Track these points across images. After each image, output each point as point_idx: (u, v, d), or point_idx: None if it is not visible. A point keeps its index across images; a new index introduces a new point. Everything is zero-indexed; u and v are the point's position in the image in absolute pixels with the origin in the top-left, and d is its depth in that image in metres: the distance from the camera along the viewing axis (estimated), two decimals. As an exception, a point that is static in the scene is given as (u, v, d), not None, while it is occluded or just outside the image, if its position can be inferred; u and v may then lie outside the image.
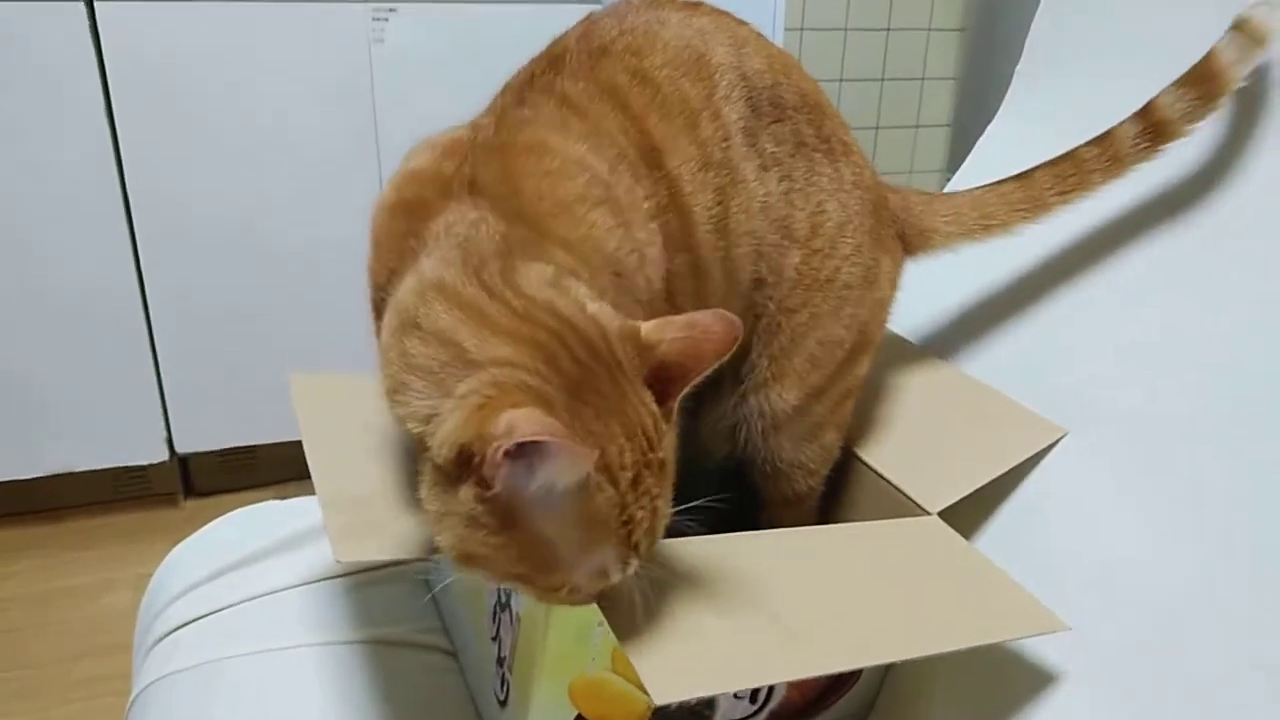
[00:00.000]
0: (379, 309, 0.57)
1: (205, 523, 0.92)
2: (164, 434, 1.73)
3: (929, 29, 2.44)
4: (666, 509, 0.51)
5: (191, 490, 1.86)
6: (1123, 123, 0.75)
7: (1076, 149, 0.76)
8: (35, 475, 1.69)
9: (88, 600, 1.57)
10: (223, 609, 0.80)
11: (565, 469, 0.44)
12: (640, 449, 0.48)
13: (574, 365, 0.48)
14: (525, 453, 0.43)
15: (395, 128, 1.70)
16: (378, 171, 1.71)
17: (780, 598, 0.58)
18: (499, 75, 0.67)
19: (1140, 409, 0.72)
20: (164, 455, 1.75)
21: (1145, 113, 0.74)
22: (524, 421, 0.42)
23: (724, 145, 0.65)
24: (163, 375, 1.70)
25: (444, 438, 0.46)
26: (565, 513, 0.47)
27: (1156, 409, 0.71)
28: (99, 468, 1.73)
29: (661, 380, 0.50)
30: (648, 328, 0.50)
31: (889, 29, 2.42)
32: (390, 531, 0.58)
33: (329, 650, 0.75)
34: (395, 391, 0.50)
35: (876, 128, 2.50)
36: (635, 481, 0.48)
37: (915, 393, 0.82)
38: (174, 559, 0.89)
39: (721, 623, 0.54)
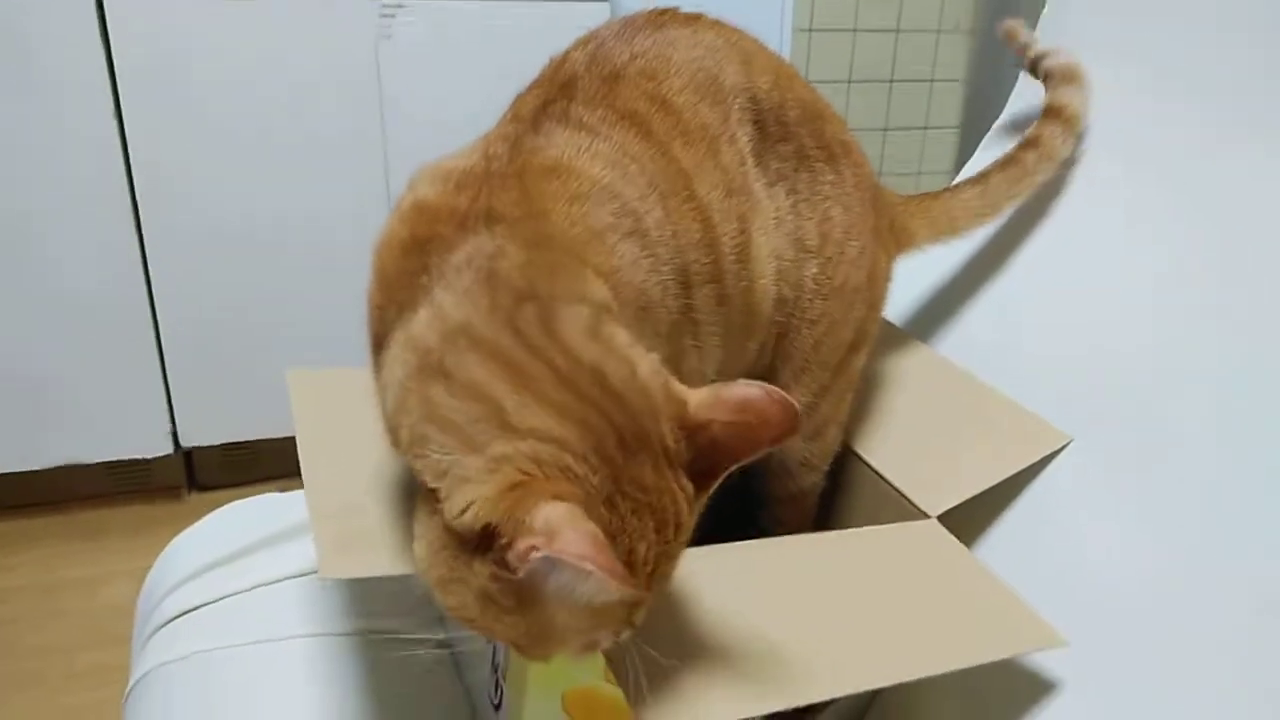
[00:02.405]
0: (380, 343, 0.53)
1: (208, 517, 0.92)
2: (168, 427, 1.74)
3: (938, 31, 2.43)
4: (671, 583, 0.50)
5: (195, 484, 1.86)
6: (1043, 124, 0.85)
7: (1018, 153, 0.84)
8: (39, 467, 1.70)
9: (90, 592, 1.58)
10: (221, 599, 0.80)
11: (596, 590, 0.41)
12: (664, 539, 0.46)
13: (619, 451, 0.45)
14: (560, 561, 0.40)
15: (402, 125, 1.70)
16: (384, 169, 1.71)
17: (777, 615, 0.58)
18: (507, 72, 0.67)
19: (1143, 414, 0.72)
20: (168, 449, 1.75)
21: (1055, 112, 0.85)
22: (566, 530, 0.40)
23: (741, 170, 0.65)
24: (168, 369, 1.70)
25: (466, 504, 0.43)
26: (582, 606, 0.44)
27: (1159, 415, 0.71)
28: (102, 461, 1.74)
29: (704, 459, 0.47)
30: (697, 402, 0.47)
31: (898, 30, 2.41)
32: (383, 544, 0.56)
33: (326, 642, 0.75)
34: (415, 444, 0.47)
35: (885, 129, 2.50)
36: (652, 574, 0.46)
37: (920, 393, 0.82)
38: (173, 550, 0.89)
39: (717, 642, 0.54)
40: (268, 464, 1.83)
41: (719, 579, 0.59)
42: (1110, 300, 0.80)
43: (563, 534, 0.40)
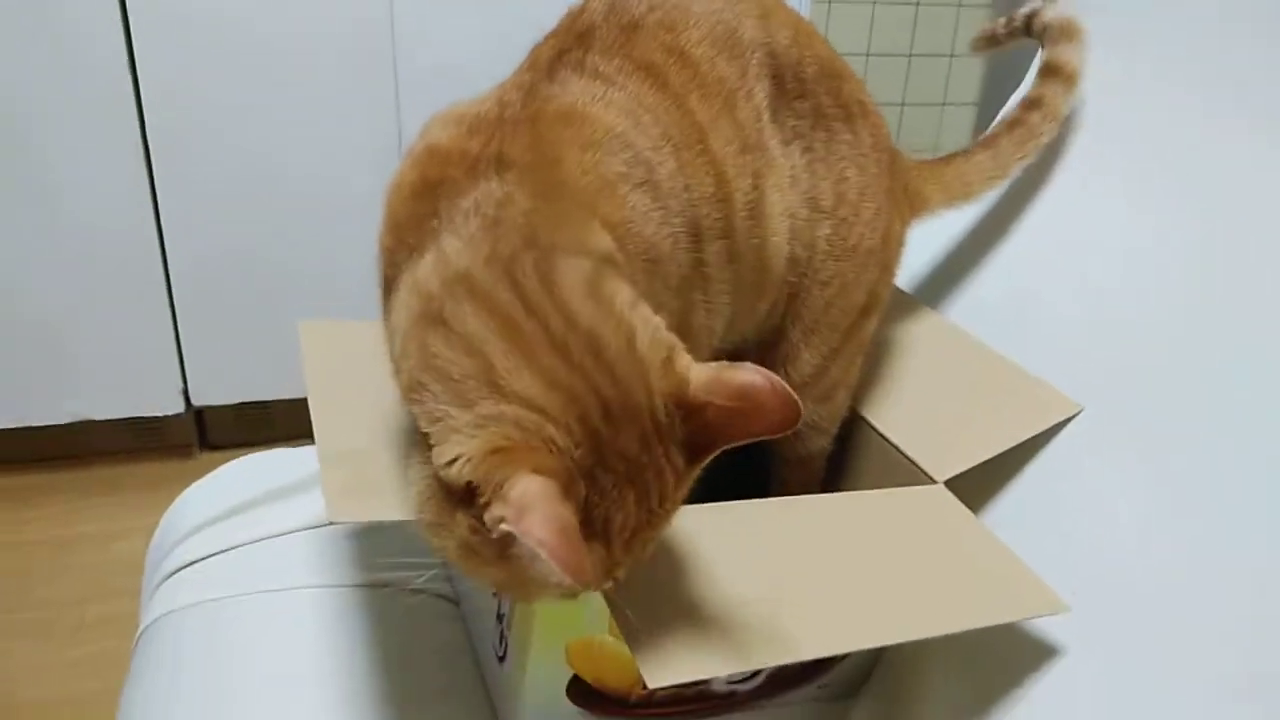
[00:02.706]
0: (389, 287, 0.53)
1: (219, 477, 0.93)
2: (180, 386, 1.75)
3: (959, 4, 2.40)
4: (653, 547, 0.49)
5: (206, 443, 1.88)
6: (1044, 84, 0.85)
7: (1022, 115, 0.85)
8: (51, 423, 1.71)
9: (103, 546, 1.59)
10: (230, 549, 0.81)
11: (550, 574, 0.41)
12: (648, 509, 0.46)
13: (605, 424, 0.44)
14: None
15: (415, 73, 1.67)
16: (396, 117, 1.68)
17: (781, 572, 0.58)
18: (523, 20, 0.66)
19: (1154, 384, 0.71)
20: (180, 408, 1.76)
21: (1054, 70, 0.85)
22: (535, 511, 0.40)
23: (757, 126, 0.64)
24: (180, 328, 1.70)
25: (453, 457, 0.43)
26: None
27: (1170, 385, 0.71)
28: (115, 417, 1.75)
29: (700, 436, 0.46)
30: (698, 382, 0.46)
31: (918, 3, 2.38)
32: (390, 490, 0.56)
33: (333, 593, 0.76)
34: (411, 390, 0.48)
35: (902, 104, 2.47)
36: (630, 540, 0.46)
37: (930, 360, 0.82)
38: (183, 501, 0.90)
39: (720, 599, 0.54)
40: (281, 424, 1.84)
41: (723, 535, 0.59)
42: (1119, 273, 0.79)
43: (530, 515, 0.40)
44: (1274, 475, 0.62)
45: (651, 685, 0.47)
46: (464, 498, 0.44)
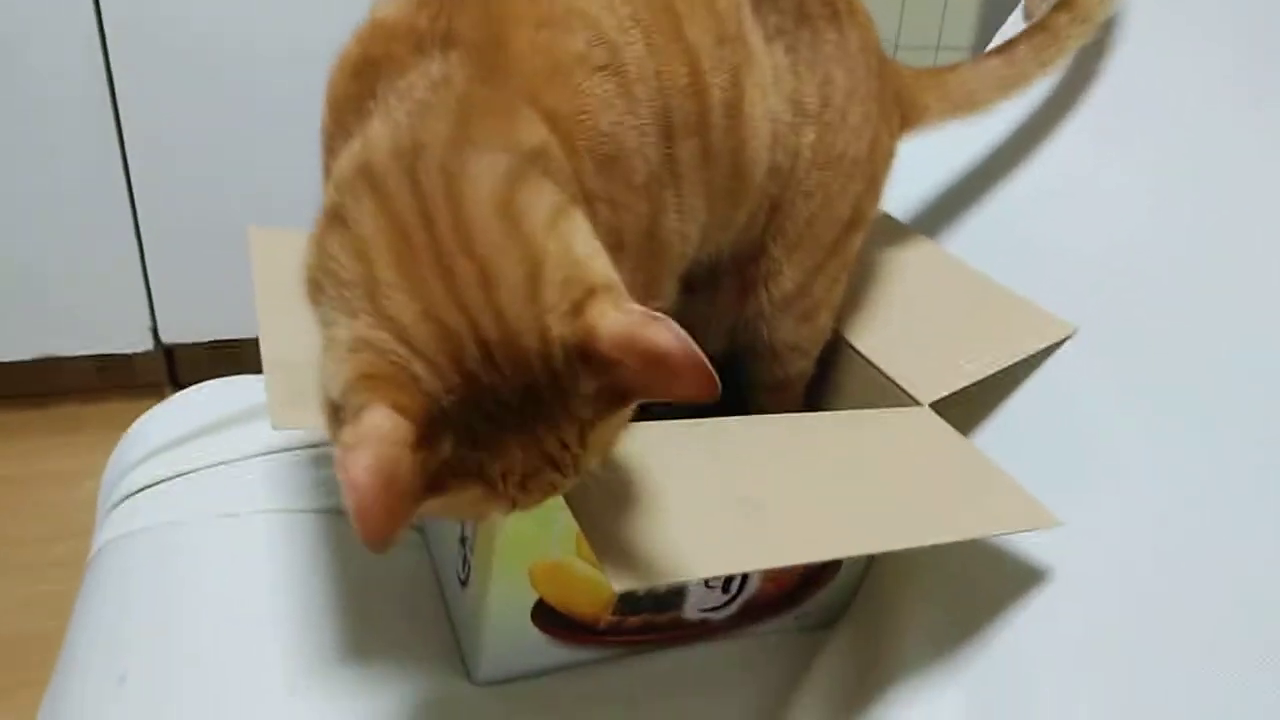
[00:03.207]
0: (329, 174, 0.49)
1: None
2: (149, 323, 1.70)
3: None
4: (568, 484, 0.44)
5: (177, 382, 1.83)
6: None
7: (1049, 18, 0.78)
8: (20, 358, 1.67)
9: (68, 485, 1.55)
10: (187, 473, 0.78)
11: (353, 519, 0.37)
12: (542, 458, 0.41)
13: (484, 369, 0.39)
14: None
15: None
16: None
17: (759, 486, 0.55)
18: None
19: (1150, 308, 0.69)
20: (149, 345, 1.72)
21: None
22: (364, 450, 0.36)
23: (737, 18, 0.60)
24: (148, 264, 1.66)
25: (326, 379, 0.40)
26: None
27: (1166, 308, 0.68)
28: (82, 355, 1.71)
29: (610, 391, 0.41)
30: (609, 336, 0.39)
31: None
32: None
33: (292, 517, 0.73)
34: (310, 288, 0.44)
35: (896, 47, 2.41)
36: (523, 482, 0.42)
37: (917, 284, 0.78)
38: (140, 426, 0.87)
39: (694, 510, 0.51)
40: (253, 363, 1.78)
41: (698, 450, 0.57)
42: (1123, 221, 0.76)
43: (358, 452, 0.36)
44: (1267, 404, 0.60)
45: (618, 589, 0.44)
46: (334, 413, 0.40)
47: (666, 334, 0.38)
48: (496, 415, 0.40)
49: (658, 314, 0.39)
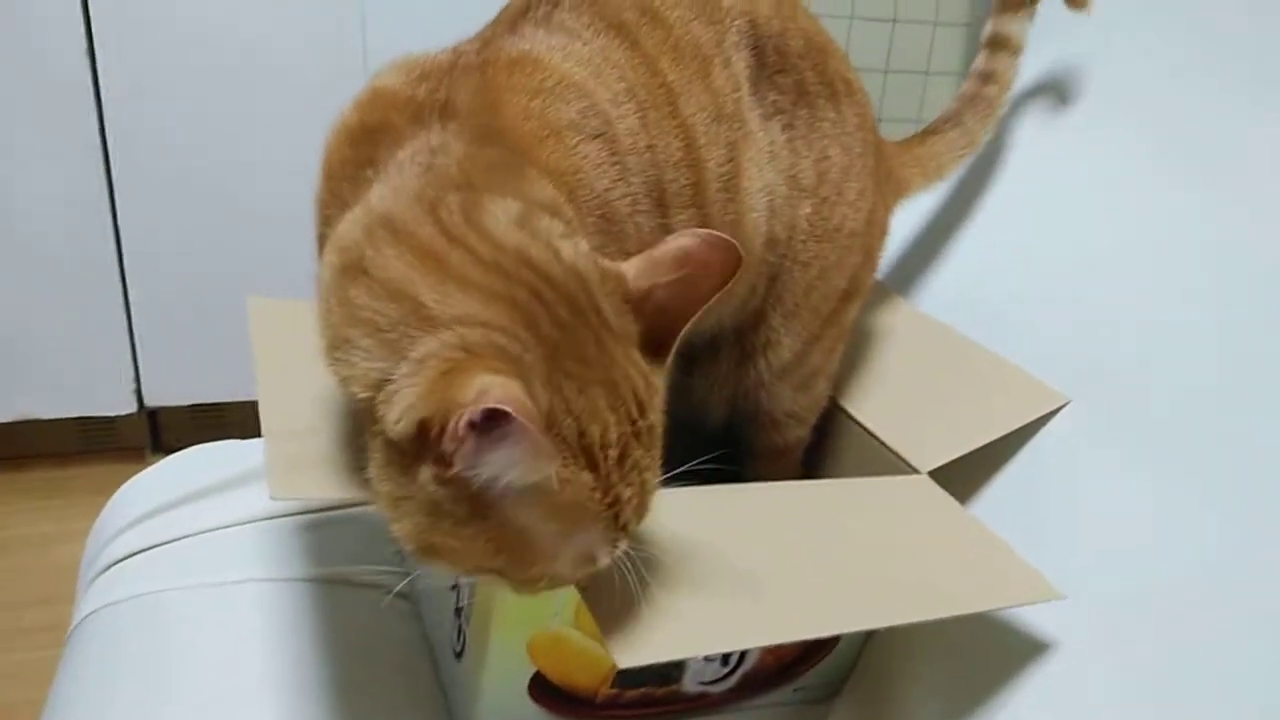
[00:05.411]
0: (324, 245, 0.50)
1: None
2: (133, 386, 1.69)
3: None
4: (656, 479, 0.45)
5: (160, 446, 1.81)
6: (993, 58, 0.85)
7: (980, 90, 0.85)
8: (0, 420, 1.64)
9: (45, 550, 1.53)
10: (172, 541, 0.76)
11: (527, 461, 0.38)
12: (627, 418, 0.42)
13: (554, 328, 0.41)
14: (493, 428, 0.37)
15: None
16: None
17: (759, 556, 0.55)
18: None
19: (1140, 376, 0.69)
20: (132, 408, 1.70)
21: (998, 40, 0.85)
22: (497, 387, 0.37)
23: (735, 96, 0.61)
24: (134, 327, 1.65)
25: (402, 410, 0.40)
26: (541, 499, 0.40)
27: (1156, 376, 0.68)
28: (64, 417, 1.68)
29: (655, 328, 0.44)
30: (633, 271, 0.45)
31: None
32: (334, 467, 0.53)
33: (282, 587, 0.71)
34: (336, 348, 0.44)
35: (885, 71, 2.42)
36: (621, 459, 0.42)
37: (912, 352, 0.79)
38: (125, 493, 0.86)
39: (695, 582, 0.50)
40: (237, 427, 1.77)
41: (698, 519, 0.56)
42: (1108, 263, 0.77)
43: (491, 392, 0.37)
44: (1264, 469, 0.60)
45: (621, 665, 0.43)
46: (421, 447, 0.40)
47: (675, 238, 0.44)
48: (577, 373, 0.41)
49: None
